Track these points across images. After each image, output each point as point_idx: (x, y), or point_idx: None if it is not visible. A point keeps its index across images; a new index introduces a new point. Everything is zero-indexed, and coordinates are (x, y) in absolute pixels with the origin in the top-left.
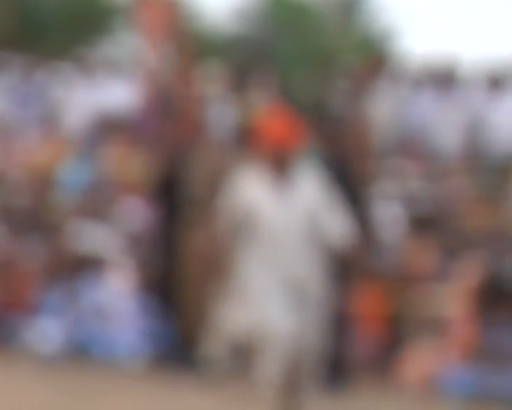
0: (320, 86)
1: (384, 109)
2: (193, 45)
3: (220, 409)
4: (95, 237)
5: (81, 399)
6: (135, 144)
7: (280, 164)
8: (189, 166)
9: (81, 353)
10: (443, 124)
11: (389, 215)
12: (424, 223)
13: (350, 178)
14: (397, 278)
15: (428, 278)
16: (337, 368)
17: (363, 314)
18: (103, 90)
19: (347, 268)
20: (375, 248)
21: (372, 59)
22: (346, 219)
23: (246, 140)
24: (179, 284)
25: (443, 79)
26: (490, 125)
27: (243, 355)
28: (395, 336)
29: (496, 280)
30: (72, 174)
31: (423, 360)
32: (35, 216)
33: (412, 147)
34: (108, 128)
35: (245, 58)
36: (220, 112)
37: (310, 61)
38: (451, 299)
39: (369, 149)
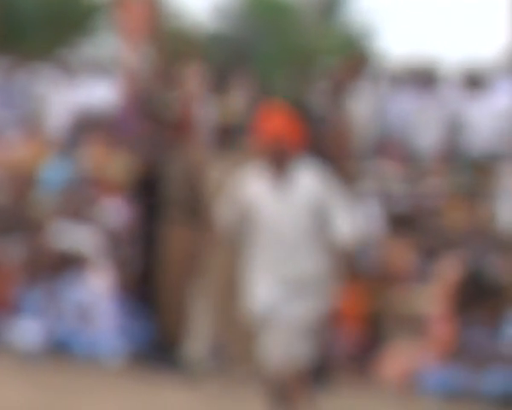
0: (300, 86)
1: (364, 109)
2: (173, 44)
3: (200, 406)
4: (75, 236)
5: (61, 397)
6: (115, 143)
7: (279, 160)
8: (169, 165)
9: (61, 351)
10: (422, 123)
11: (368, 215)
12: (403, 222)
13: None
14: (376, 276)
15: (408, 276)
16: (318, 366)
17: (343, 313)
18: (84, 90)
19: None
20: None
21: (352, 59)
22: (352, 215)
23: (226, 139)
24: (159, 283)
25: (422, 79)
26: (468, 124)
27: (223, 354)
28: (375, 334)
29: (475, 278)
30: (53, 173)
31: (403, 359)
32: (16, 215)
33: (392, 147)
34: (89, 127)
35: (224, 57)
36: (201, 111)
37: (290, 60)
38: (431, 297)
39: (349, 150)
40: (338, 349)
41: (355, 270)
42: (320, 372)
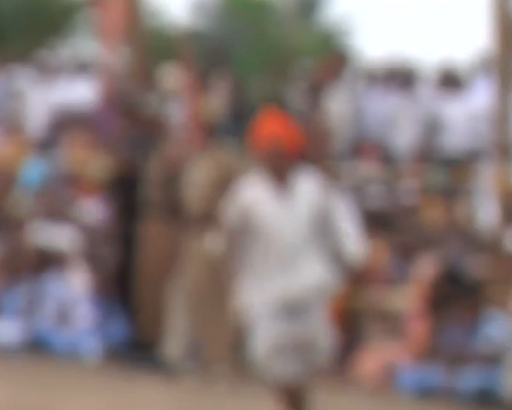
0: (278, 86)
1: (342, 109)
2: (150, 43)
3: (177, 403)
4: (54, 235)
5: (40, 394)
6: (93, 143)
7: (280, 165)
8: (148, 163)
9: (40, 349)
10: (399, 123)
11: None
12: (379, 221)
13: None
14: (353, 275)
15: (384, 275)
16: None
17: None
18: (63, 90)
19: None
20: None
21: (330, 59)
22: (354, 225)
23: (202, 138)
24: (137, 281)
25: (400, 79)
26: (445, 123)
27: (200, 352)
28: (352, 333)
29: (451, 277)
30: (32, 172)
31: (379, 357)
32: None
33: (368, 146)
34: (67, 126)
35: (202, 55)
36: (177, 110)
37: (268, 59)
38: (407, 296)
39: (326, 150)
40: None
41: None
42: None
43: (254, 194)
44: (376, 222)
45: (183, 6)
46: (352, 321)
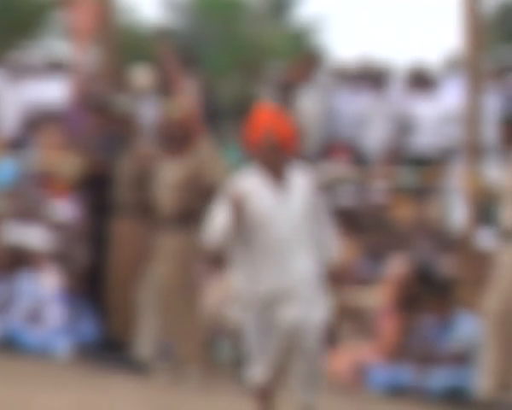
0: (249, 85)
1: (313, 110)
2: (122, 41)
3: (148, 399)
4: (27, 235)
5: (10, 392)
6: (65, 142)
7: (276, 160)
8: (119, 163)
9: (12, 347)
10: (371, 123)
11: None
12: (350, 220)
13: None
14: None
15: (355, 274)
16: None
17: None
18: (35, 90)
19: None
20: None
21: (302, 59)
22: (332, 229)
23: (171, 137)
24: (108, 281)
25: (372, 80)
26: (416, 124)
27: (171, 352)
28: (323, 331)
29: (422, 275)
30: (4, 172)
31: (351, 356)
32: None
33: (340, 146)
34: (39, 126)
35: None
36: (148, 109)
37: (239, 58)
38: (378, 295)
39: (298, 150)
40: None
41: None
42: None
43: (251, 186)
44: (347, 222)
45: (154, 4)
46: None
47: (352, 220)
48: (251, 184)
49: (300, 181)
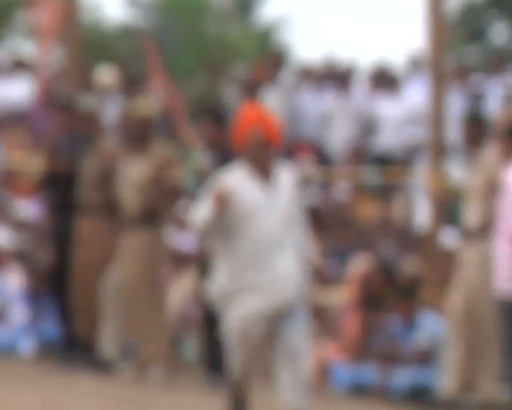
0: (214, 85)
1: (279, 109)
2: (86, 40)
3: (111, 397)
4: None
5: None
6: (30, 141)
7: (263, 158)
8: (83, 162)
9: None
10: (335, 122)
11: None
12: (315, 219)
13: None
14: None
15: (319, 271)
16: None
17: None
18: (0, 89)
19: None
20: None
21: (267, 58)
22: (306, 230)
23: (133, 135)
24: (72, 280)
25: (337, 80)
26: (381, 123)
27: (135, 352)
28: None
29: (385, 274)
30: None
31: (315, 355)
32: None
33: (304, 146)
34: (4, 125)
35: (137, 52)
36: (112, 107)
37: (203, 58)
38: (342, 294)
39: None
40: None
41: None
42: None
43: (237, 182)
44: (311, 221)
45: (119, 2)
46: None
47: (316, 219)
48: (237, 180)
49: (286, 178)
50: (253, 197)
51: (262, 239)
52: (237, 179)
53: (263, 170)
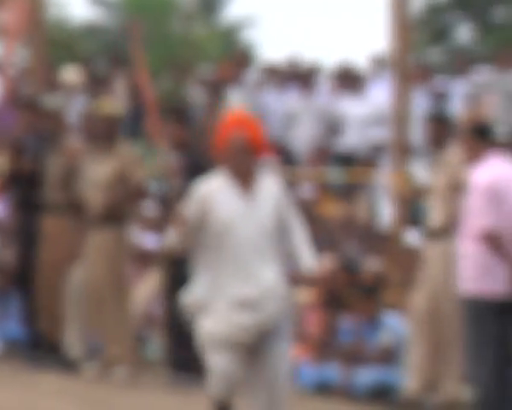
0: (179, 84)
1: (243, 108)
2: (51, 38)
3: (77, 396)
4: None
5: None
6: None
7: (244, 166)
8: (47, 160)
9: None
10: (299, 121)
11: None
12: None
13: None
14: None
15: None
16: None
17: None
18: None
19: None
20: None
21: (232, 57)
22: (304, 231)
23: (97, 134)
24: (37, 280)
25: (302, 80)
26: (345, 123)
27: (100, 353)
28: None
29: (348, 273)
30: None
31: None
32: None
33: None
34: None
35: (102, 50)
36: (77, 106)
37: (169, 57)
38: (305, 292)
39: (268, 154)
40: None
41: None
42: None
43: (217, 190)
44: None
45: (83, 1)
46: None
47: None
48: (217, 188)
49: (270, 186)
50: (231, 207)
51: (241, 250)
52: (215, 187)
53: (243, 177)
